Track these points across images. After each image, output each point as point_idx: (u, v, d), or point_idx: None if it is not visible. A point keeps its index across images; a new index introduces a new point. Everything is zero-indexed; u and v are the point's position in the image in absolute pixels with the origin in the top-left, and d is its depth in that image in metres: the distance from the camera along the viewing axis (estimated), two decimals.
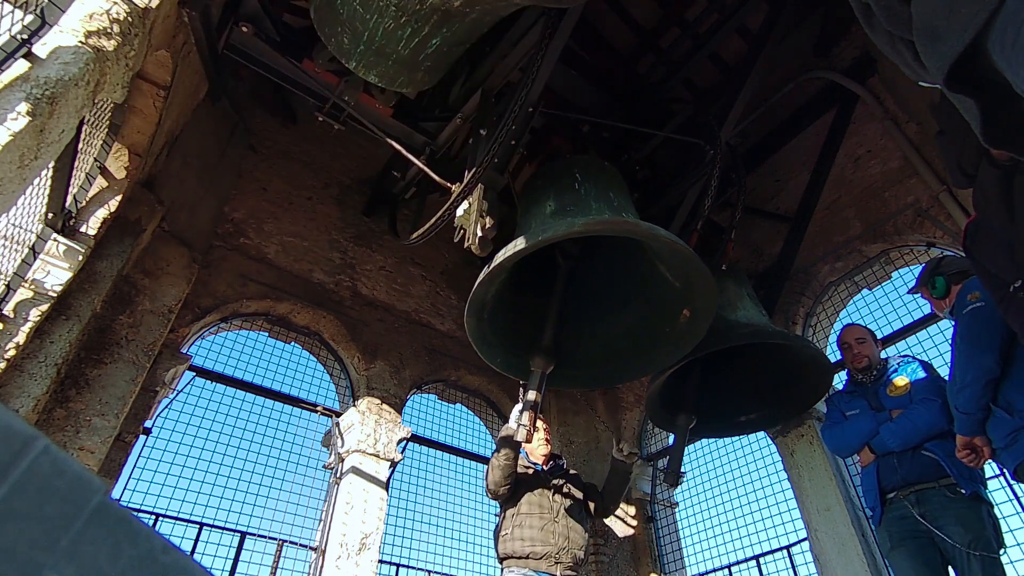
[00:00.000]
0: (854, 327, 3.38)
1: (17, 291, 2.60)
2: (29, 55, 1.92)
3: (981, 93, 0.75)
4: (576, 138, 4.00)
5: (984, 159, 1.79)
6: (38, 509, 0.29)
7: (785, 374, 3.56)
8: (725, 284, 3.60)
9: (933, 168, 4.05)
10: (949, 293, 2.68)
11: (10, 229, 2.53)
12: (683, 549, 5.00)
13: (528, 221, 3.02)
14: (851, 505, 3.88)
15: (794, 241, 4.59)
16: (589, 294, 3.29)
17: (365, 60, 2.76)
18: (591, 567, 4.72)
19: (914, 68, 0.87)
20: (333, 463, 4.26)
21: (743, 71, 3.96)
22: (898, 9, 0.82)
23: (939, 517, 2.68)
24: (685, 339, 2.95)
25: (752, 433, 4.17)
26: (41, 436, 0.30)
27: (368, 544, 3.90)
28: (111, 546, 0.31)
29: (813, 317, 4.76)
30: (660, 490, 5.33)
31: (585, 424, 5.47)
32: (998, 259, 1.99)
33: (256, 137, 4.97)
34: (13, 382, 2.65)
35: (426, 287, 5.48)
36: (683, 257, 2.66)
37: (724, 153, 3.65)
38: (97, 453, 3.00)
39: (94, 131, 2.79)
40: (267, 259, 4.58)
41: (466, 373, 5.27)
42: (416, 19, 2.43)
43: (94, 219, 3.04)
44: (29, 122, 1.84)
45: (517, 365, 3.10)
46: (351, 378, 4.69)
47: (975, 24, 0.69)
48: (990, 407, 2.35)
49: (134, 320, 3.46)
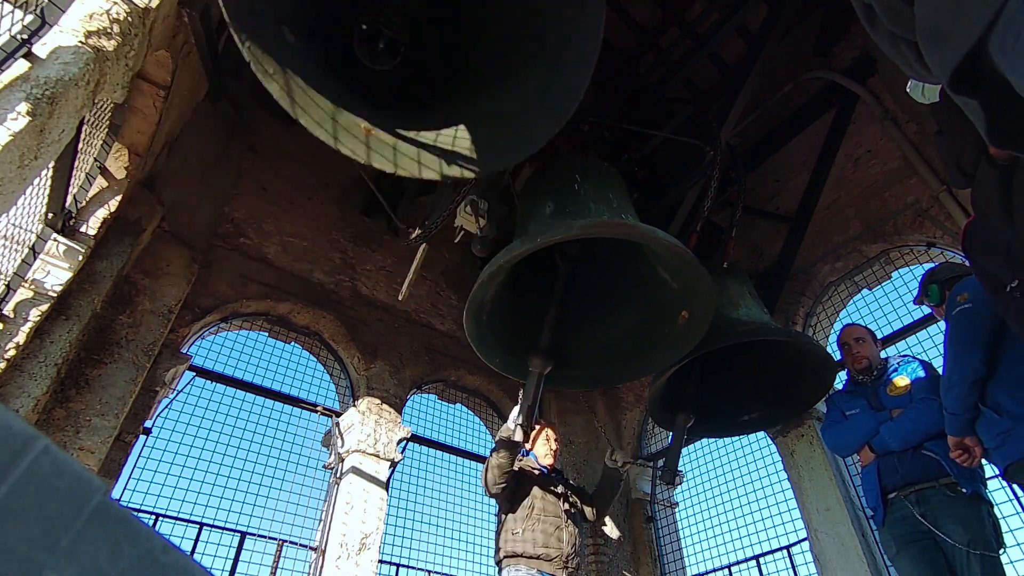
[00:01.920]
0: (853, 327, 3.39)
1: (17, 291, 2.60)
2: (29, 55, 1.92)
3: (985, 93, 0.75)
4: (576, 138, 4.00)
5: (983, 159, 1.79)
6: (38, 509, 0.29)
7: (786, 374, 3.55)
8: (726, 282, 3.60)
9: (933, 168, 4.05)
10: (945, 299, 2.72)
11: (10, 229, 2.53)
12: (683, 549, 5.00)
13: (527, 222, 3.02)
14: (851, 505, 3.88)
15: (794, 241, 4.59)
16: (589, 295, 3.28)
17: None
18: (591, 567, 4.72)
19: (916, 68, 0.87)
20: (333, 463, 4.26)
21: (743, 71, 3.96)
22: (901, 10, 0.82)
23: (939, 516, 2.69)
24: (684, 340, 2.95)
25: (752, 433, 4.17)
26: (41, 436, 0.30)
27: (368, 544, 3.90)
28: (111, 546, 0.30)
29: (813, 317, 4.76)
30: (660, 490, 5.33)
31: (585, 424, 5.47)
32: (996, 259, 1.99)
33: (256, 137, 4.96)
34: (13, 382, 2.65)
35: (426, 287, 5.48)
36: (681, 259, 2.66)
37: (724, 153, 3.65)
38: (97, 453, 3.00)
39: (94, 131, 2.79)
40: (267, 259, 4.58)
41: (466, 373, 5.27)
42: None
43: (94, 219, 3.04)
44: (29, 122, 1.84)
45: (516, 365, 3.11)
46: (351, 378, 4.69)
47: (979, 26, 0.69)
48: (979, 407, 2.37)
49: (134, 320, 3.46)
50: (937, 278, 2.82)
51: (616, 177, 3.23)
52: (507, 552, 3.33)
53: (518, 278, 3.03)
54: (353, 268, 5.08)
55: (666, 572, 4.94)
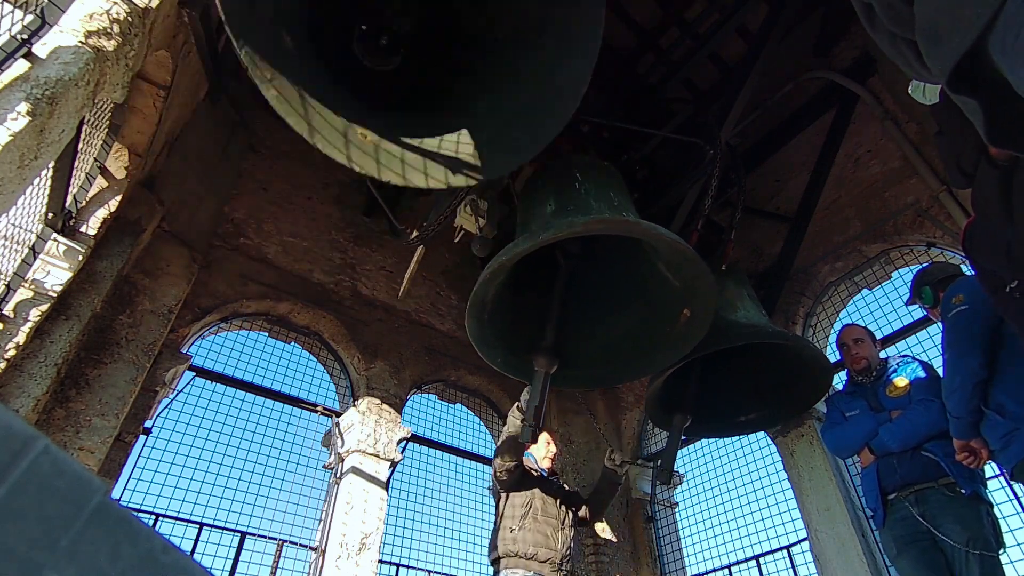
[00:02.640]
0: (852, 327, 3.38)
1: (17, 291, 2.60)
2: (29, 55, 1.92)
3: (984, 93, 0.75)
4: (576, 138, 4.00)
5: (983, 159, 1.79)
6: (38, 509, 0.29)
7: (785, 374, 3.55)
8: (725, 284, 3.60)
9: (933, 168, 4.05)
10: (938, 300, 2.72)
11: (10, 229, 2.53)
12: (683, 549, 5.00)
13: (528, 221, 3.02)
14: (851, 505, 3.88)
15: (794, 241, 4.59)
16: (590, 294, 3.28)
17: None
18: (591, 567, 4.72)
19: (916, 68, 0.87)
20: (333, 463, 4.26)
21: (743, 71, 3.96)
22: (901, 9, 0.82)
23: (938, 516, 2.68)
24: (685, 340, 2.95)
25: (752, 433, 4.17)
26: (41, 436, 0.30)
27: (368, 544, 3.90)
28: (111, 546, 0.31)
29: (813, 317, 4.76)
30: (660, 490, 5.33)
31: (585, 424, 5.47)
32: (996, 259, 1.99)
33: (256, 137, 4.96)
34: (13, 382, 2.65)
35: (426, 287, 5.48)
36: (684, 256, 2.66)
37: (724, 153, 3.65)
38: (97, 453, 3.00)
39: (94, 131, 2.79)
40: (267, 259, 4.58)
41: (466, 373, 5.27)
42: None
43: (94, 219, 3.04)
44: (29, 122, 1.84)
45: (517, 365, 3.11)
46: (351, 378, 4.69)
47: (978, 25, 0.69)
48: (982, 409, 2.36)
49: (134, 320, 3.46)
50: (929, 280, 2.82)
51: (616, 176, 3.23)
52: (503, 552, 3.33)
53: (519, 277, 3.03)
54: (353, 268, 5.08)
55: (666, 572, 4.94)
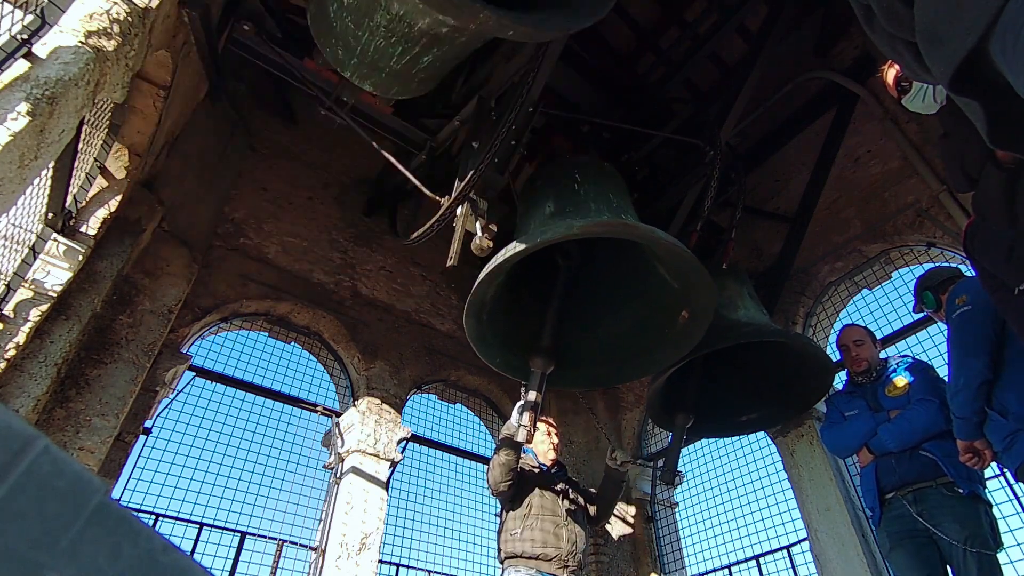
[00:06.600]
0: (852, 328, 3.39)
1: (17, 291, 2.60)
2: (29, 55, 1.92)
3: (985, 95, 0.75)
4: (576, 138, 4.00)
5: (989, 162, 1.79)
6: (38, 509, 0.29)
7: (785, 374, 3.56)
8: (726, 283, 3.61)
9: (933, 168, 4.05)
10: (941, 303, 2.73)
11: (10, 229, 2.53)
12: (683, 549, 5.00)
13: (527, 222, 3.03)
14: (851, 505, 3.88)
15: (794, 241, 4.59)
16: (589, 295, 3.29)
17: (359, 72, 2.77)
18: (591, 567, 4.72)
19: (915, 69, 0.87)
20: (333, 463, 4.25)
21: (743, 71, 3.96)
22: (900, 11, 0.82)
23: (936, 515, 2.69)
24: (684, 340, 2.95)
25: (752, 433, 4.17)
26: (41, 436, 0.30)
27: (368, 544, 3.90)
28: (111, 546, 0.31)
29: (813, 317, 4.76)
30: (660, 490, 5.33)
31: (585, 424, 5.47)
32: (998, 260, 1.99)
33: (256, 137, 4.96)
34: (13, 382, 2.65)
35: (426, 287, 5.48)
36: (681, 259, 2.66)
37: (724, 153, 3.65)
38: (97, 453, 3.00)
39: (94, 131, 2.79)
40: (267, 259, 4.58)
41: (466, 373, 5.26)
42: (406, 40, 2.44)
43: (94, 219, 3.04)
44: (29, 122, 1.84)
45: (516, 365, 3.11)
46: (351, 378, 4.69)
47: (978, 28, 0.69)
48: (986, 410, 2.36)
49: (134, 320, 3.46)
50: (929, 284, 2.85)
51: (616, 177, 3.24)
52: (507, 552, 3.32)
53: (518, 278, 3.04)
54: (353, 268, 5.08)
55: (666, 572, 4.94)
